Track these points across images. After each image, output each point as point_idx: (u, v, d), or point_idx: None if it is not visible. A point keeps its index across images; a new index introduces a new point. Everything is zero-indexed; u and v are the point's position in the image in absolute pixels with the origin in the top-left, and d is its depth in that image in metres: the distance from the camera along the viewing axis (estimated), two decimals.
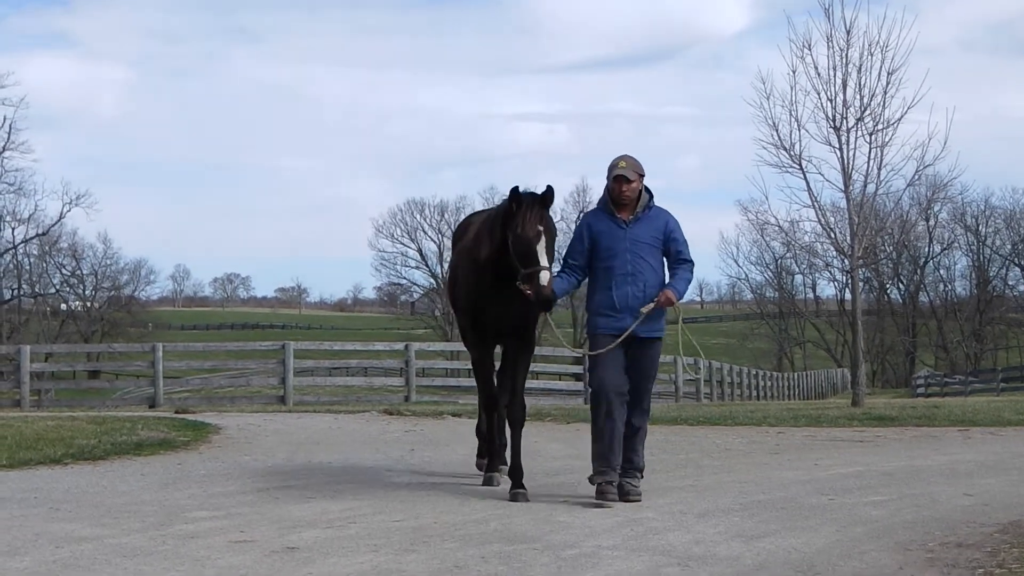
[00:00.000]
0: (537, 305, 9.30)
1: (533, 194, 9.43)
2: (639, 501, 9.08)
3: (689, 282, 9.46)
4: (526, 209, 9.31)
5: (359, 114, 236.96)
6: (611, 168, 9.31)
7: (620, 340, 9.14)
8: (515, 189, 9.43)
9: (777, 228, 30.19)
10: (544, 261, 9.16)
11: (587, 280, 9.61)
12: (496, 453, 10.61)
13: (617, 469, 9.13)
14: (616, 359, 9.20)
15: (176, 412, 21.29)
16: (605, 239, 9.32)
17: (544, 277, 9.09)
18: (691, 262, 9.42)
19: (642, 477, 9.43)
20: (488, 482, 10.42)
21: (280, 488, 10.61)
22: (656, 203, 9.50)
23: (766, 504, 9.15)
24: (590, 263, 9.45)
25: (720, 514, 8.59)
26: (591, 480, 9.16)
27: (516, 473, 9.70)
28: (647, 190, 9.44)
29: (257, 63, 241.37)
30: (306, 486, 10.73)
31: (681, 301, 9.41)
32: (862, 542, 7.42)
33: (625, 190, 9.26)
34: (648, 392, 9.49)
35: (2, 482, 11.12)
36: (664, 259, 9.41)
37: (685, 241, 9.45)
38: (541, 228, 9.24)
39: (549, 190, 9.40)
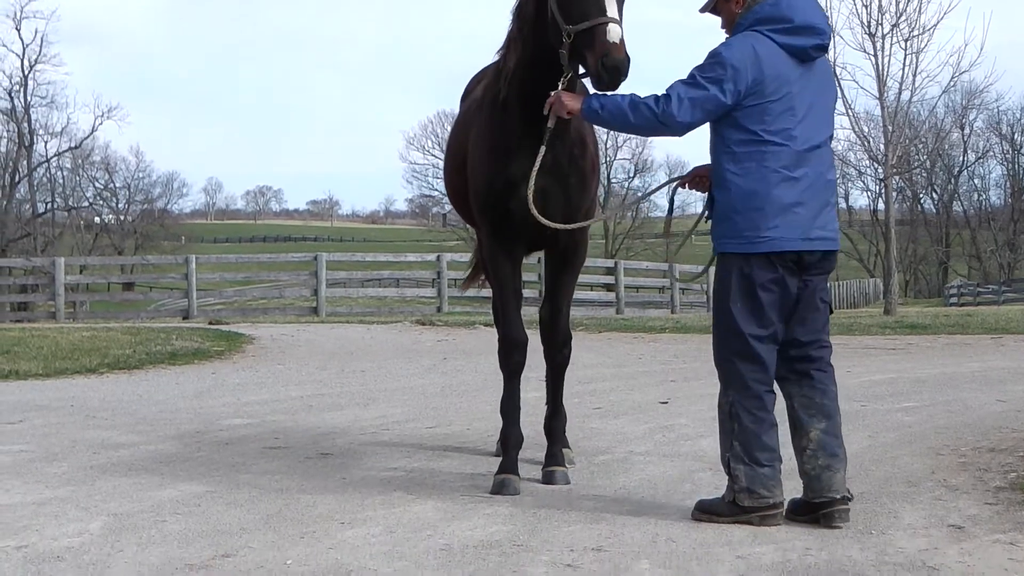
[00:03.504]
0: (605, 82, 5.46)
1: None
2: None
3: (636, 106, 5.29)
4: None
5: (392, 30, 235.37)
6: None
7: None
8: None
9: None
10: (612, 10, 5.58)
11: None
12: (513, 446, 6.40)
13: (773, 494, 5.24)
14: (750, 304, 5.31)
15: (210, 323, 21.49)
16: None
17: (614, 31, 5.49)
18: (666, 93, 5.27)
19: (850, 500, 5.35)
20: (498, 488, 6.17)
21: (314, 396, 10.69)
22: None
23: None
24: None
25: None
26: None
27: (555, 439, 6.57)
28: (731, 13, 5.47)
29: None
30: (339, 394, 10.82)
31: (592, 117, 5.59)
32: (894, 447, 7.42)
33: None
34: (825, 345, 5.47)
35: (39, 391, 11.26)
36: (726, 132, 5.31)
37: (696, 67, 5.31)
38: None
39: None
